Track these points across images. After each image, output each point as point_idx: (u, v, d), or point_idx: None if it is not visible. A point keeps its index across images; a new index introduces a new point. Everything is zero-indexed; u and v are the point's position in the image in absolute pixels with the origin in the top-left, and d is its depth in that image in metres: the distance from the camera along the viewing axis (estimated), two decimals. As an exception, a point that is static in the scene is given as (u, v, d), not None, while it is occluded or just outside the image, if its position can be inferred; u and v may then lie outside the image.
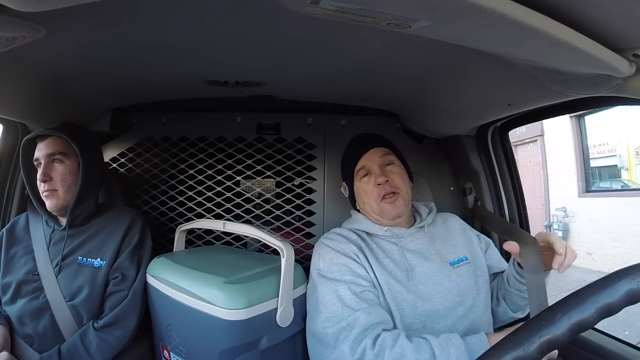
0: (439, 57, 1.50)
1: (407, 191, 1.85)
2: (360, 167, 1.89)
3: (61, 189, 1.86)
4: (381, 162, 1.86)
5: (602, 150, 11.60)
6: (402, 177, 1.86)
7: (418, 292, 1.66)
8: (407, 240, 1.82)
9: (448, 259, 1.79)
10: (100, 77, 1.86)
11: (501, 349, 0.73)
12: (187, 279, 1.68)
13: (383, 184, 1.80)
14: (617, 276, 0.72)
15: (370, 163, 1.87)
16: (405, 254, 1.76)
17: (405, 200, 1.83)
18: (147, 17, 1.25)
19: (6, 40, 1.14)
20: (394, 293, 1.65)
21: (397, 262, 1.73)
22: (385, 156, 1.88)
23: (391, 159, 1.89)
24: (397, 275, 1.69)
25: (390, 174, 1.83)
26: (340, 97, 2.36)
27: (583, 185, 11.63)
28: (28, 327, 1.75)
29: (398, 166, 1.90)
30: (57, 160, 1.87)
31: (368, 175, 1.87)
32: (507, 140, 2.33)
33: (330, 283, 1.64)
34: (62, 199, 1.87)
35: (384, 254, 1.76)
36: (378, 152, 1.89)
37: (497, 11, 0.78)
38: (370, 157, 1.88)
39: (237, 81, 1.98)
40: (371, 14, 0.86)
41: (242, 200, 2.57)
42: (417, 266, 1.73)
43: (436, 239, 1.85)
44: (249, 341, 1.54)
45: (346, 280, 1.63)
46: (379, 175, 1.81)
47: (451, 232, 1.92)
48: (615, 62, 1.01)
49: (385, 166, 1.86)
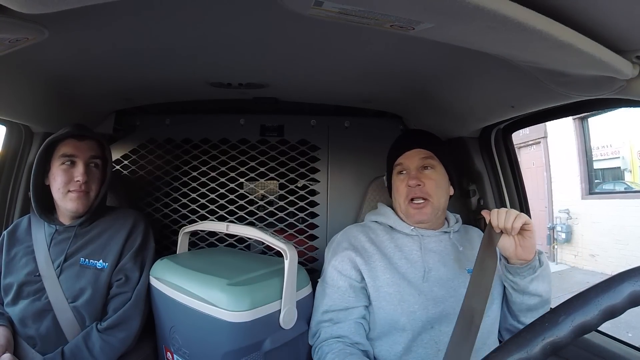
0: (442, 59, 1.50)
1: (439, 199, 1.82)
2: (398, 163, 1.88)
3: (93, 192, 1.90)
4: (419, 164, 1.83)
5: (606, 152, 11.59)
6: (437, 184, 1.82)
7: (432, 294, 1.69)
8: (431, 240, 1.82)
9: (466, 266, 1.77)
10: (103, 79, 1.87)
11: (504, 351, 0.73)
12: (191, 281, 1.68)
13: (414, 187, 1.79)
14: (621, 278, 0.72)
15: (408, 162, 1.84)
16: (426, 255, 1.78)
17: (434, 208, 1.81)
18: (150, 19, 1.25)
19: (9, 42, 1.14)
20: (404, 295, 1.67)
21: (414, 263, 1.76)
22: (425, 159, 1.83)
23: (432, 163, 1.84)
24: (410, 277, 1.72)
25: (425, 178, 1.80)
26: (344, 98, 2.36)
27: (586, 187, 11.61)
28: (30, 328, 1.75)
29: (437, 172, 1.85)
30: (95, 164, 1.91)
31: (403, 174, 1.86)
32: (511, 142, 2.33)
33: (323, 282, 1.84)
34: (91, 200, 1.89)
35: (401, 254, 1.78)
36: (420, 154, 1.84)
37: (500, 13, 0.78)
38: (411, 156, 1.85)
39: (240, 83, 1.98)
40: (374, 15, 0.86)
41: (245, 202, 2.57)
42: (434, 269, 1.74)
43: (458, 246, 1.84)
44: (252, 343, 1.54)
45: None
46: (413, 177, 1.80)
47: (472, 243, 1.90)
48: (619, 64, 1.01)
49: (422, 169, 1.83)
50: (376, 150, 2.54)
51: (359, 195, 2.52)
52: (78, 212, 1.88)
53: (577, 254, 11.60)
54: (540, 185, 12.82)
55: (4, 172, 2.22)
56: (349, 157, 2.59)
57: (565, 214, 11.99)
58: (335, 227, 2.36)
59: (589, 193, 11.61)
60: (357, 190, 2.54)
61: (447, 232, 1.86)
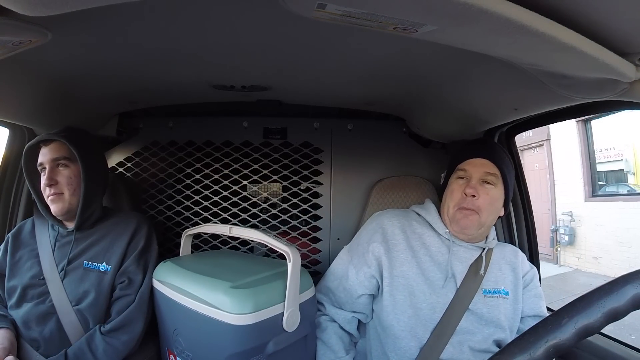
0: (445, 62, 1.50)
1: (487, 216, 1.77)
2: (461, 168, 1.83)
3: (67, 193, 1.86)
4: (482, 177, 1.77)
5: (609, 155, 11.57)
6: (491, 202, 1.76)
7: (446, 298, 1.72)
8: (461, 249, 1.81)
9: (484, 286, 1.76)
10: (106, 81, 1.87)
11: (507, 353, 0.73)
12: (194, 283, 1.68)
13: (468, 197, 1.75)
14: (624, 281, 0.72)
15: (472, 170, 1.79)
16: (453, 261, 1.78)
17: (480, 223, 1.77)
18: (154, 21, 1.25)
19: (12, 44, 1.15)
20: (415, 290, 1.73)
21: (439, 264, 1.77)
22: (489, 175, 1.77)
23: (494, 180, 1.77)
24: (430, 276, 1.75)
25: (483, 192, 1.75)
26: (347, 101, 2.36)
27: (589, 190, 11.60)
28: (34, 331, 1.75)
29: (497, 190, 1.78)
30: (62, 164, 1.88)
31: (464, 179, 1.81)
32: (514, 145, 2.33)
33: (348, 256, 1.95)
34: (67, 203, 1.87)
35: (426, 251, 1.80)
36: (486, 167, 1.78)
37: (503, 15, 0.78)
38: (477, 164, 1.79)
39: (243, 85, 1.98)
40: (377, 18, 0.86)
41: (248, 204, 2.58)
42: (458, 277, 1.76)
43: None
44: (256, 346, 1.53)
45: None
46: (472, 187, 1.75)
47: (501, 264, 1.86)
48: (622, 67, 1.01)
49: (484, 182, 1.77)
50: (379, 153, 2.56)
51: (363, 198, 2.52)
52: (61, 214, 1.88)
53: (580, 256, 11.58)
54: (543, 187, 12.81)
55: (7, 175, 2.23)
56: (353, 160, 2.60)
57: (568, 216, 11.98)
58: (339, 230, 2.36)
59: (592, 195, 11.60)
60: (360, 193, 2.55)
61: (482, 247, 1.82)
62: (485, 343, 1.70)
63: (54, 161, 1.86)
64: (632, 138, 10.61)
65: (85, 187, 1.87)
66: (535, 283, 1.91)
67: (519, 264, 1.88)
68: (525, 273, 1.89)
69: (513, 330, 1.76)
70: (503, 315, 1.74)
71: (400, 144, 2.59)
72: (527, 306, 1.84)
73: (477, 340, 1.70)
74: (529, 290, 1.87)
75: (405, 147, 2.60)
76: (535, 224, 2.33)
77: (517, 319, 1.78)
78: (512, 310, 1.78)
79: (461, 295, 1.72)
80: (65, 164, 1.88)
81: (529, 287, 1.88)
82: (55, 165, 1.86)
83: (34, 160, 1.90)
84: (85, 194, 1.87)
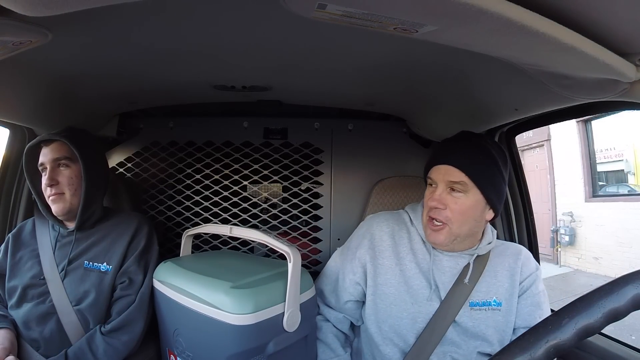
0: (445, 62, 1.50)
1: (460, 226, 1.60)
2: (429, 176, 1.65)
3: (68, 193, 1.86)
4: (448, 185, 1.58)
5: (609, 155, 11.56)
6: (462, 211, 1.58)
7: (431, 308, 1.66)
8: (444, 259, 1.70)
9: (472, 297, 1.65)
10: (106, 81, 1.87)
11: (507, 353, 0.73)
12: (194, 283, 1.68)
13: (434, 208, 1.61)
14: (624, 281, 0.72)
15: (437, 178, 1.61)
16: (434, 271, 1.69)
17: (452, 234, 1.60)
18: (154, 22, 1.25)
19: (13, 44, 1.14)
20: (397, 300, 1.70)
21: (425, 272, 1.70)
22: (455, 183, 1.56)
23: (462, 188, 1.56)
24: (414, 284, 1.70)
25: (451, 202, 1.58)
26: (347, 101, 2.36)
27: (590, 190, 11.60)
28: (34, 331, 1.75)
29: (469, 198, 1.58)
30: (63, 164, 1.88)
31: (433, 186, 1.64)
32: (514, 145, 2.33)
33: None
34: (68, 203, 1.87)
35: (412, 257, 1.73)
36: (450, 174, 1.58)
37: (503, 16, 0.78)
38: (441, 171, 1.60)
39: (244, 86, 1.99)
40: (378, 18, 0.86)
41: (248, 205, 2.58)
42: (442, 289, 1.67)
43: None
44: (256, 346, 1.53)
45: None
46: (435, 199, 1.60)
47: (497, 271, 1.71)
48: (622, 67, 1.01)
49: (451, 190, 1.58)
50: (380, 153, 2.56)
51: (363, 198, 2.52)
52: (62, 214, 1.88)
53: (581, 256, 11.58)
54: (543, 187, 12.81)
55: (7, 175, 2.23)
56: (353, 160, 2.60)
57: (568, 216, 11.98)
58: (339, 230, 2.36)
59: (593, 196, 11.61)
60: (360, 193, 2.55)
61: (470, 254, 1.68)
62: (470, 356, 1.65)
63: (55, 161, 1.86)
64: (632, 138, 10.61)
65: (86, 187, 1.87)
66: (535, 289, 1.71)
67: (518, 270, 1.71)
68: (524, 279, 1.71)
69: (503, 343, 1.64)
70: (492, 328, 1.64)
71: (400, 144, 2.59)
72: (520, 317, 1.68)
73: (462, 352, 1.64)
74: (525, 298, 1.69)
75: (405, 147, 2.60)
76: (536, 224, 2.33)
77: (509, 331, 1.67)
78: (504, 323, 1.66)
79: (445, 307, 1.64)
80: (66, 164, 1.88)
81: (525, 294, 1.70)
82: (56, 166, 1.86)
83: (35, 160, 1.89)
84: (86, 194, 1.87)
